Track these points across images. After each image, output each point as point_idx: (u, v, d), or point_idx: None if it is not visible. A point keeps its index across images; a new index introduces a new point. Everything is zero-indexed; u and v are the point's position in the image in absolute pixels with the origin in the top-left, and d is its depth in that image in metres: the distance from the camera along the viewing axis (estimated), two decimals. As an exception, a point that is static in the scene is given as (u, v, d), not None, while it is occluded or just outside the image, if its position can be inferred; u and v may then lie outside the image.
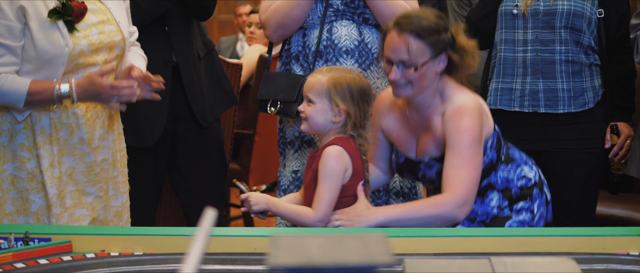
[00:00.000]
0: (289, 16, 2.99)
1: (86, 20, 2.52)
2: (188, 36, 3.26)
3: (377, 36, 3.03)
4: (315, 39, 2.99)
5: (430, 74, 2.46)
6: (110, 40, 2.58)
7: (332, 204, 2.45)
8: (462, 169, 2.40)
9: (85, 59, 2.52)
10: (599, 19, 3.00)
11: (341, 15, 3.00)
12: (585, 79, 3.02)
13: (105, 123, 2.64)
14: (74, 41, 2.48)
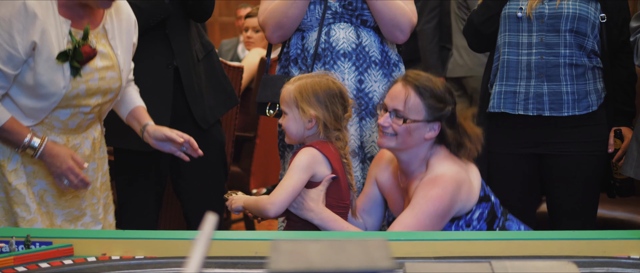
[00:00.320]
0: (286, 15, 2.99)
1: (91, 64, 2.51)
2: (187, 38, 3.27)
3: (375, 38, 3.03)
4: (314, 41, 3.00)
5: (417, 135, 2.48)
6: (108, 86, 2.58)
7: (292, 194, 2.45)
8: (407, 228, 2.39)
9: (79, 100, 2.52)
10: (602, 24, 3.00)
11: (339, 17, 3.01)
12: (588, 81, 3.03)
13: (87, 153, 2.64)
14: (74, 85, 2.47)
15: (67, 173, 2.48)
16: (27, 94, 2.45)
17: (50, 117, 2.51)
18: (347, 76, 2.98)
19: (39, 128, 2.51)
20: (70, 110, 2.52)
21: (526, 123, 3.04)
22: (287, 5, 2.98)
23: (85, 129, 2.62)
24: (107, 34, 2.59)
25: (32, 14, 2.37)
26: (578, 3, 2.98)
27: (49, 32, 2.41)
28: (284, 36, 3.06)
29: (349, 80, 2.98)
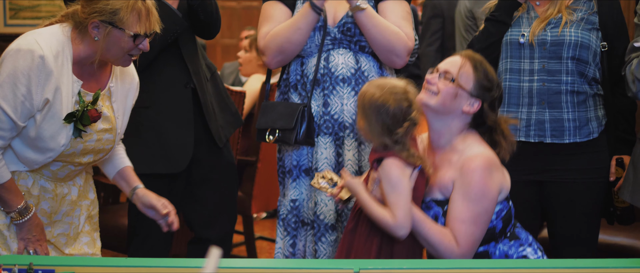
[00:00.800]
0: (289, 41, 2.99)
1: (92, 126, 2.53)
2: (198, 58, 3.30)
3: (374, 63, 3.04)
4: (313, 67, 3.00)
5: (457, 103, 2.55)
6: (102, 148, 2.60)
7: (408, 206, 2.45)
8: (469, 225, 2.45)
9: (72, 158, 2.55)
10: (603, 52, 3.02)
11: (338, 43, 3.02)
12: (589, 109, 3.04)
13: (73, 199, 2.65)
14: (72, 144, 2.50)
15: (37, 245, 2.50)
16: (25, 144, 2.47)
17: (41, 167, 2.54)
18: (346, 101, 2.99)
19: (28, 173, 2.53)
20: (60, 164, 2.54)
21: (527, 149, 3.03)
22: (291, 31, 2.99)
23: (73, 177, 2.65)
24: (111, 96, 2.61)
25: (49, 70, 2.38)
26: (580, 31, 2.99)
27: (61, 91, 2.43)
28: (283, 61, 3.07)
29: (348, 105, 2.99)
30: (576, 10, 3.03)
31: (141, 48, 2.49)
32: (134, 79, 2.72)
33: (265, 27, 3.08)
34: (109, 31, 2.41)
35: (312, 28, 2.98)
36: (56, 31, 2.47)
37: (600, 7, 3.04)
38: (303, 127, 2.96)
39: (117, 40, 2.43)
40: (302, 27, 2.98)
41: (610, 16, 3.05)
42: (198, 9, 3.16)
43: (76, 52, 2.47)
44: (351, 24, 3.00)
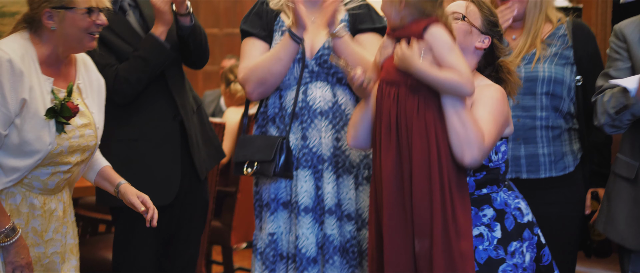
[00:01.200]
0: (270, 72, 3.00)
1: (72, 122, 2.54)
2: (185, 90, 3.31)
3: (351, 96, 3.06)
4: (292, 100, 3.01)
5: (470, 39, 2.58)
6: (87, 144, 2.61)
7: (468, 66, 2.45)
8: (488, 122, 2.44)
9: (61, 158, 2.55)
10: (578, 86, 3.05)
11: (316, 76, 3.03)
12: (564, 143, 3.06)
13: (60, 216, 2.65)
14: (58, 141, 2.50)
15: (25, 267, 2.49)
16: (11, 153, 2.46)
17: (31, 176, 2.52)
18: (324, 134, 3.00)
19: (17, 188, 2.52)
20: (51, 169, 2.54)
21: None
22: (272, 62, 2.99)
23: (60, 190, 2.64)
24: (82, 93, 2.63)
25: (19, 71, 2.40)
26: (554, 66, 3.02)
27: (35, 89, 2.44)
28: (264, 93, 3.06)
29: (326, 138, 3.00)
30: (551, 45, 3.06)
31: (99, 23, 2.54)
32: (100, 78, 2.75)
33: (244, 62, 3.09)
34: (62, 15, 2.47)
35: (292, 58, 2.99)
36: (14, 37, 2.50)
37: (575, 41, 3.07)
38: (281, 159, 2.96)
39: (72, 21, 2.48)
40: (283, 58, 2.99)
41: (586, 50, 3.08)
42: (188, 40, 3.19)
43: (40, 53, 2.50)
44: (328, 56, 3.02)
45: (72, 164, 2.59)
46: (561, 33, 3.08)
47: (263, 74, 3.00)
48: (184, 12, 3.12)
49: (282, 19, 3.05)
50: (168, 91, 3.23)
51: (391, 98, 2.43)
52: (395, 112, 2.41)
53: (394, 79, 2.43)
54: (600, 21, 4.60)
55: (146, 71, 3.09)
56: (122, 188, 2.73)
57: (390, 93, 2.43)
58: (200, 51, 3.27)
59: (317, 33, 3.05)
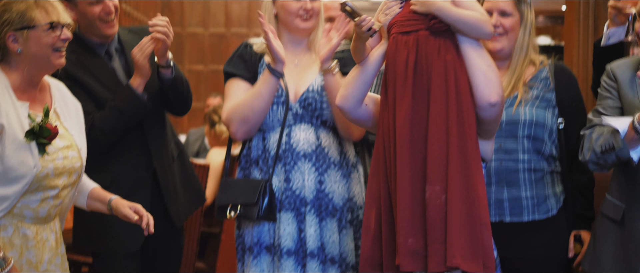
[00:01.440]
0: (252, 109, 3.00)
1: (54, 143, 2.55)
2: (164, 138, 3.31)
3: (334, 139, 3.06)
4: (275, 142, 3.02)
5: None
6: (72, 166, 2.61)
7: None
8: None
9: (48, 181, 2.54)
10: (559, 129, 3.06)
11: (300, 118, 3.04)
12: (547, 186, 3.06)
13: (53, 246, 2.64)
14: (43, 164, 2.50)
15: None
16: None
17: (20, 205, 2.52)
18: (307, 176, 3.00)
19: (8, 219, 2.51)
20: (39, 195, 2.53)
21: None
22: (252, 98, 3.00)
23: (52, 219, 2.63)
24: (59, 117, 2.64)
25: None
26: (535, 109, 3.03)
27: (11, 115, 2.46)
28: (249, 131, 3.06)
29: (309, 181, 3.00)
30: (533, 88, 3.07)
31: (64, 38, 2.56)
32: (77, 103, 2.76)
33: (228, 102, 3.09)
34: (26, 36, 2.50)
35: (273, 94, 3.00)
36: None
37: (558, 84, 3.08)
38: (265, 202, 2.96)
39: (37, 39, 2.51)
40: (263, 94, 2.99)
41: (568, 94, 3.10)
42: (169, 90, 3.19)
43: (12, 80, 2.52)
44: (312, 99, 3.03)
45: (60, 188, 2.58)
46: (543, 76, 3.10)
47: (245, 111, 3.01)
48: (164, 64, 3.14)
49: (266, 62, 3.07)
50: (144, 141, 3.23)
51: (409, 45, 2.43)
52: (413, 57, 2.42)
53: (410, 29, 2.45)
54: (581, 62, 4.64)
55: (121, 122, 3.10)
56: (113, 203, 2.75)
57: (408, 41, 2.44)
58: (181, 101, 3.28)
59: (302, 76, 3.07)
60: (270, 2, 3.10)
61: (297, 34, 3.09)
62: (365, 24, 2.44)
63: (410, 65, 2.41)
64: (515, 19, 3.05)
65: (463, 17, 2.42)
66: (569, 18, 4.85)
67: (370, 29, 2.45)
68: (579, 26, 4.76)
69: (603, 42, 3.11)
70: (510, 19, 3.04)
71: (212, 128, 5.48)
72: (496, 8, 3.03)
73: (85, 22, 3.20)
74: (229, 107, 3.07)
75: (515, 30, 3.05)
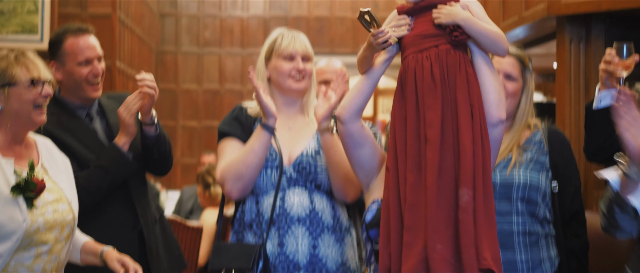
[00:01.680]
0: (246, 164, 2.99)
1: (42, 197, 2.55)
2: (147, 199, 3.30)
3: (328, 203, 3.06)
4: (269, 206, 3.01)
5: None
6: (63, 219, 2.61)
7: None
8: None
9: (39, 236, 2.53)
10: (554, 193, 3.07)
11: (294, 182, 3.04)
12: (541, 249, 3.05)
13: None
14: (32, 218, 2.50)
15: None
16: None
17: (15, 264, 2.51)
18: (301, 241, 2.99)
19: None
20: (33, 251, 2.52)
21: None
22: (246, 154, 2.99)
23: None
24: (47, 171, 2.65)
25: None
26: (529, 172, 3.04)
27: None
28: (244, 189, 3.04)
29: (303, 245, 2.99)
30: (527, 151, 3.09)
31: (45, 94, 2.58)
32: (65, 157, 2.78)
33: (223, 161, 3.09)
34: (7, 93, 2.53)
35: (266, 149, 2.99)
36: None
37: (551, 148, 3.10)
38: (259, 267, 2.95)
39: (18, 96, 2.54)
40: (257, 149, 2.99)
41: (561, 157, 3.11)
42: (153, 149, 3.19)
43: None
44: (307, 163, 3.03)
45: (53, 243, 2.57)
46: (537, 139, 3.11)
47: (239, 168, 3.00)
48: (149, 121, 3.15)
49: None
50: (130, 200, 3.23)
51: (432, 58, 2.47)
52: (438, 69, 2.44)
53: (428, 45, 2.48)
54: (573, 122, 4.67)
55: (106, 181, 3.10)
56: (105, 254, 2.75)
57: (430, 55, 2.47)
58: (164, 160, 3.29)
59: (295, 140, 3.08)
60: (262, 66, 3.14)
61: (290, 95, 3.12)
62: (382, 36, 2.48)
63: (437, 77, 2.44)
64: (518, 84, 3.10)
65: (486, 30, 2.47)
66: (560, 77, 4.90)
67: (386, 41, 2.49)
68: (570, 86, 4.80)
69: (594, 104, 3.14)
70: (514, 83, 3.09)
71: (206, 190, 5.47)
72: (503, 70, 3.08)
73: (71, 82, 3.21)
74: (222, 165, 3.07)
75: (517, 96, 3.10)
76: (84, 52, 3.19)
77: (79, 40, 3.20)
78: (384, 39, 2.47)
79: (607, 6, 4.77)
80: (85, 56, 3.19)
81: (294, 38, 3.12)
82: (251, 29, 11.01)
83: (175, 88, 10.73)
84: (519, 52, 3.16)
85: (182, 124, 10.68)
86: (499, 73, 3.03)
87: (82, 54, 3.19)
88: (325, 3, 11.14)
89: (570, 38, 5.01)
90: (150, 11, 10.19)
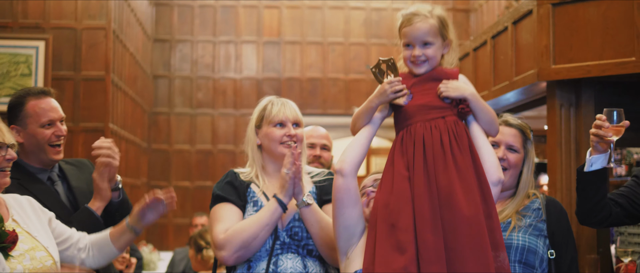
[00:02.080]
0: (255, 236, 2.98)
1: (18, 248, 2.58)
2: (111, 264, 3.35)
3: (320, 268, 3.06)
4: (262, 271, 3.00)
5: None
6: (42, 265, 2.64)
7: None
8: None
9: None
10: (550, 259, 3.07)
11: (287, 248, 3.04)
12: None
13: None
14: (11, 266, 2.53)
15: None
16: None
17: None
18: None
19: None
20: None
21: None
22: (258, 227, 2.97)
23: None
24: (19, 223, 2.68)
25: None
26: (528, 236, 3.05)
27: None
28: (243, 257, 3.02)
29: None
30: (525, 217, 3.11)
31: (9, 158, 2.62)
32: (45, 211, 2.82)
33: (221, 225, 3.05)
34: None
35: (276, 224, 3.00)
36: None
37: (549, 215, 3.12)
38: (254, 331, 2.94)
39: None
40: (270, 224, 2.99)
41: (558, 225, 3.12)
42: (115, 213, 3.26)
43: None
44: (298, 228, 3.04)
45: None
46: (535, 207, 3.14)
47: (247, 238, 2.98)
48: (113, 186, 3.18)
49: (253, 190, 3.09)
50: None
51: (440, 128, 2.65)
52: (447, 137, 2.63)
53: (436, 115, 2.67)
54: (565, 185, 4.71)
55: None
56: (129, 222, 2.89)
57: (438, 125, 2.65)
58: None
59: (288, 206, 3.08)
60: (252, 133, 3.16)
61: (282, 161, 3.13)
62: (398, 88, 2.66)
63: (446, 145, 2.62)
64: (519, 156, 3.17)
65: (487, 108, 2.71)
66: (551, 141, 4.95)
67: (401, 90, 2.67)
68: (561, 150, 4.85)
69: (586, 168, 3.18)
70: (515, 155, 3.16)
71: (198, 253, 5.44)
72: (505, 142, 3.17)
73: (32, 145, 3.22)
74: (224, 229, 3.03)
75: (518, 167, 3.17)
76: (47, 114, 3.20)
77: (41, 102, 3.21)
78: (400, 88, 2.64)
79: (596, 72, 4.85)
80: (48, 118, 3.20)
81: (284, 105, 3.16)
82: (244, 90, 11.10)
83: (168, 149, 10.75)
84: (520, 123, 3.23)
85: (174, 184, 10.67)
86: (500, 145, 3.14)
87: (45, 116, 3.19)
88: (317, 65, 11.25)
89: (560, 103, 5.08)
90: (144, 73, 10.27)
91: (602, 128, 3.05)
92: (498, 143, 3.14)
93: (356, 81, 11.27)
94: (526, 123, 3.27)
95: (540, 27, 5.27)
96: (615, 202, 3.27)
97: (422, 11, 2.70)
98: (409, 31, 2.69)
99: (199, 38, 11.14)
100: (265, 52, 11.21)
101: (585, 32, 5.02)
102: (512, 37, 5.92)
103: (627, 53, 4.77)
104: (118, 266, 2.77)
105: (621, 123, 3.05)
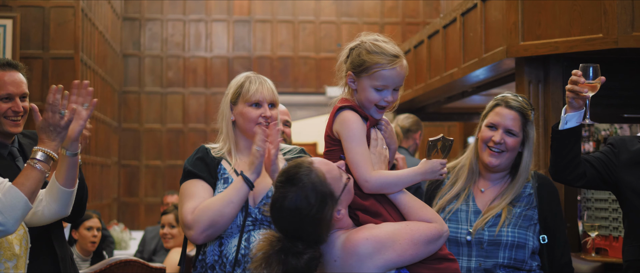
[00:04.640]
0: (222, 214, 2.96)
1: None
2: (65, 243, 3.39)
3: None
4: (233, 247, 3.00)
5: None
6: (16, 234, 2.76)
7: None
8: None
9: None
10: (543, 245, 3.07)
11: (259, 224, 3.04)
12: None
13: None
14: None
15: None
16: None
17: None
18: None
19: None
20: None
21: None
22: (223, 204, 2.96)
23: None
24: None
25: None
26: (517, 230, 3.04)
27: None
28: (212, 235, 3.01)
29: None
30: (515, 206, 3.10)
31: None
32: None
33: (190, 203, 3.03)
34: None
35: (242, 202, 2.99)
36: None
37: (540, 200, 3.12)
38: (225, 307, 2.95)
39: None
40: (235, 201, 2.97)
41: (550, 210, 3.12)
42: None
43: None
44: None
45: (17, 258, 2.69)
46: (527, 193, 3.14)
47: (213, 216, 2.96)
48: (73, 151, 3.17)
49: (224, 167, 3.09)
50: (51, 246, 3.24)
51: None
52: None
53: None
54: (533, 161, 4.75)
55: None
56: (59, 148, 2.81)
57: None
58: (80, 207, 3.29)
59: (260, 182, 3.08)
60: (227, 108, 3.14)
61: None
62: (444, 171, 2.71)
63: None
64: (518, 139, 3.12)
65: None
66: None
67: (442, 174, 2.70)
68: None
69: (560, 126, 3.14)
70: (514, 139, 3.11)
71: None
72: (503, 126, 3.11)
73: None
74: (192, 208, 3.02)
75: (515, 150, 3.13)
76: (6, 87, 3.16)
77: (5, 75, 3.16)
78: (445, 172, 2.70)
79: (564, 49, 4.89)
80: (6, 91, 3.16)
81: (261, 84, 3.13)
82: (215, 69, 11.06)
83: (139, 128, 10.70)
84: (521, 103, 3.16)
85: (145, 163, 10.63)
86: (499, 128, 3.09)
87: (4, 88, 3.15)
88: (288, 43, 11.23)
89: (529, 80, 5.12)
90: (113, 52, 10.18)
91: (578, 84, 3.01)
92: (496, 125, 3.09)
93: (327, 59, 11.28)
94: (528, 102, 3.19)
95: (509, 4, 5.30)
96: (591, 165, 3.25)
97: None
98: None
99: (169, 16, 11.07)
100: (235, 30, 11.17)
101: (553, 9, 5.06)
102: (481, 14, 5.95)
103: (595, 30, 4.81)
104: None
105: (597, 78, 3.01)
